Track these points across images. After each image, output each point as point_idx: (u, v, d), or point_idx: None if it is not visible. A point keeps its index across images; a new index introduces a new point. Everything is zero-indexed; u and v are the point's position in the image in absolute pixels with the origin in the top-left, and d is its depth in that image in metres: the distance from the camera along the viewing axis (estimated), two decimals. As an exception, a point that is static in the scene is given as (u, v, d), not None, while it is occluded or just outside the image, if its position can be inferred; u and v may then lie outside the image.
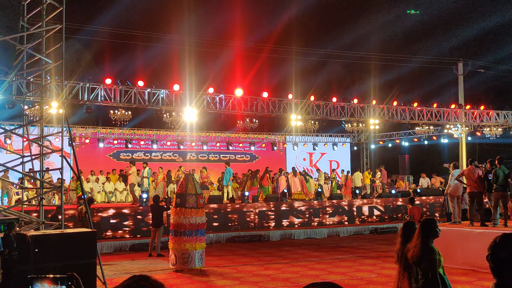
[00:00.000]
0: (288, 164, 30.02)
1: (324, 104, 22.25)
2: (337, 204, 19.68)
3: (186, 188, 11.42)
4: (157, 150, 27.31)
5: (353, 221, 19.83)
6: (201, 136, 28.13)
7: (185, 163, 27.58)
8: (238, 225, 17.55)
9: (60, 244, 8.03)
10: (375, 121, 23.79)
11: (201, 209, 11.46)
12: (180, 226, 11.18)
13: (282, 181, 21.98)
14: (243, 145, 29.72)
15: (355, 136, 32.63)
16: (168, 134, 27.36)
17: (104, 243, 14.75)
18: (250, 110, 20.68)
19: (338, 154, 32.26)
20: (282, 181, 22.02)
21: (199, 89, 19.61)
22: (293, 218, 18.65)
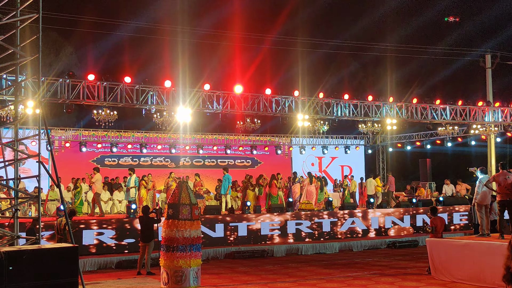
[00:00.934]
0: (294, 169, 29.98)
1: (335, 102, 22.23)
2: (349, 215, 19.65)
3: (179, 198, 11.38)
4: (146, 154, 27.34)
5: (368, 234, 19.80)
6: (196, 138, 28.17)
7: (178, 169, 27.56)
8: (238, 239, 17.52)
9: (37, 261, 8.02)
10: (393, 121, 23.77)
11: (196, 221, 11.43)
12: (173, 240, 11.15)
13: (296, 189, 21.98)
14: (244, 148, 29.74)
15: (370, 138, 32.62)
16: (159, 137, 27.40)
17: (87, 260, 14.73)
18: (251, 109, 20.65)
19: (351, 159, 32.25)
20: (296, 189, 22.01)
21: (193, 86, 19.60)
22: (300, 231, 18.62)
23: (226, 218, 17.62)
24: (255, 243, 17.70)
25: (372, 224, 19.98)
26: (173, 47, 28.82)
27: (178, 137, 27.38)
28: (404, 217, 20.64)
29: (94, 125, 22.67)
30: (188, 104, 19.33)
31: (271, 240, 18.07)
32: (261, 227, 18.00)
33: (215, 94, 19.92)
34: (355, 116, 22.76)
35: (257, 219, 18.02)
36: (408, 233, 20.22)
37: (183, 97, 19.26)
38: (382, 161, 32.82)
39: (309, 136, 30.14)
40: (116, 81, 18.20)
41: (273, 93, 20.94)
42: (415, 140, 31.52)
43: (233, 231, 17.53)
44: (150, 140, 27.26)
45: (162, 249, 11.36)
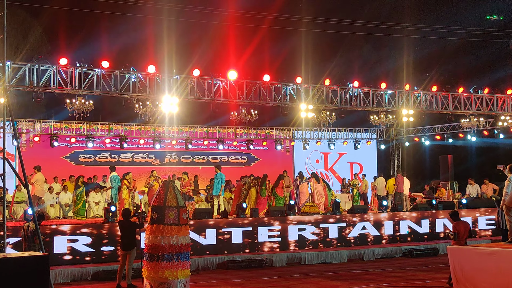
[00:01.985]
0: (296, 167, 30.06)
1: (343, 90, 22.23)
2: (360, 219, 19.69)
3: (165, 199, 11.37)
4: (127, 150, 27.33)
5: (380, 241, 19.84)
6: (184, 132, 28.16)
7: (163, 167, 27.59)
8: (232, 246, 17.53)
9: (2, 272, 8.01)
10: (409, 111, 23.79)
11: (184, 226, 11.42)
12: (158, 248, 11.14)
13: (304, 190, 22.05)
14: (239, 143, 29.76)
15: (383, 131, 32.65)
16: (141, 130, 27.38)
17: (59, 271, 14.74)
18: (247, 98, 20.63)
19: (362, 155, 32.29)
20: (304, 189, 22.08)
21: (181, 71, 19.57)
22: (303, 237, 18.64)
23: (219, 223, 17.62)
24: (251, 251, 17.72)
25: (386, 230, 20.02)
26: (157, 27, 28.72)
27: (163, 130, 27.37)
28: (422, 222, 20.68)
29: (67, 116, 22.64)
30: (175, 92, 19.30)
31: (270, 247, 18.09)
32: (258, 233, 18.00)
33: (205, 81, 19.89)
34: (366, 106, 22.76)
35: (254, 224, 18.03)
36: (427, 239, 20.28)
37: (169, 84, 19.23)
38: (397, 157, 32.83)
39: (313, 129, 30.14)
40: (92, 66, 18.16)
41: (273, 80, 20.91)
42: (434, 133, 31.55)
43: (227, 238, 17.53)
44: (131, 134, 27.23)
45: (145, 258, 11.35)
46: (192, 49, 29.83)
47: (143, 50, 28.99)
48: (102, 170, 24.04)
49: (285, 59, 31.24)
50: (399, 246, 19.48)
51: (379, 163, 33.22)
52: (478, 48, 35.07)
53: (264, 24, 30.84)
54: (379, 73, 32.57)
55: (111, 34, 29.17)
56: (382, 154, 33.58)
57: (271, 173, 23.16)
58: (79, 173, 23.97)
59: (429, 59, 34.37)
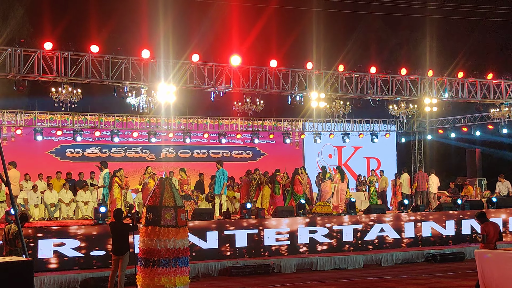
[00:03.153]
0: (306, 163, 30.02)
1: (359, 77, 22.18)
2: (377, 220, 19.68)
3: (161, 199, 11.39)
4: (118, 144, 27.34)
5: (400, 245, 19.83)
6: (182, 124, 28.14)
7: (158, 163, 27.58)
8: (235, 250, 17.58)
9: (-19, 280, 8.03)
10: (432, 100, 23.73)
11: (183, 228, 11.45)
12: (153, 252, 11.17)
13: (328, 188, 22.10)
14: (243, 136, 29.74)
15: (403, 122, 32.55)
16: (135, 122, 27.38)
17: (45, 278, 14.78)
18: (252, 87, 20.62)
19: (379, 149, 32.21)
20: (327, 187, 22.12)
21: (178, 56, 19.56)
22: (314, 241, 18.66)
23: (221, 225, 17.64)
24: (257, 256, 17.76)
25: (406, 232, 20.02)
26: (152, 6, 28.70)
27: (159, 122, 27.33)
28: (446, 223, 20.68)
29: (52, 107, 22.60)
30: (172, 80, 19.30)
31: (278, 252, 18.13)
32: (265, 235, 18.04)
33: (206, 67, 19.87)
34: (384, 94, 22.71)
35: (260, 226, 18.05)
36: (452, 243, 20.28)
37: (166, 71, 19.23)
38: (418, 152, 32.76)
39: (325, 120, 30.06)
40: (80, 50, 18.16)
41: (280, 66, 20.89)
42: (460, 125, 31.39)
43: (230, 241, 17.57)
44: (123, 126, 27.22)
45: (139, 263, 11.38)
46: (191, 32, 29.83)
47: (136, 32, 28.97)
48: (92, 166, 24.06)
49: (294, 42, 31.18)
50: (421, 250, 19.51)
51: (399, 158, 33.13)
52: (510, 30, 34.90)
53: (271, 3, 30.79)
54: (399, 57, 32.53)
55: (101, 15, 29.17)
56: (402, 148, 33.48)
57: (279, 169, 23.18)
58: (66, 169, 24.06)
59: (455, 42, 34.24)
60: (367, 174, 28.52)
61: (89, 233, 16.00)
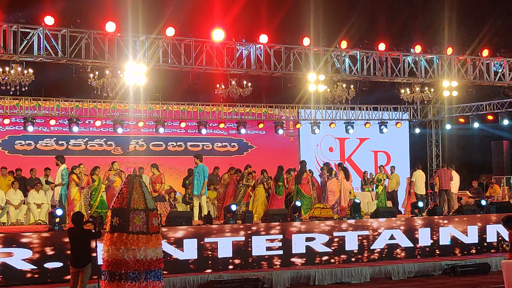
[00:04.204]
0: (303, 157, 29.94)
1: (365, 55, 22.18)
2: (387, 226, 19.70)
3: (129, 200, 11.37)
4: (78, 135, 27.22)
5: (414, 254, 19.88)
6: (154, 111, 28.06)
7: (126, 157, 27.53)
8: (218, 261, 17.53)
9: None
10: (452, 83, 23.76)
11: (155, 235, 11.43)
12: (120, 264, 11.14)
13: (334, 187, 22.11)
14: (227, 126, 29.70)
15: (417, 109, 32.63)
16: (98, 108, 27.26)
17: (-10, 295, 14.71)
18: (237, 66, 20.59)
19: (389, 141, 32.29)
20: (333, 186, 22.13)
21: (150, 30, 19.51)
22: (312, 250, 18.66)
23: (201, 231, 17.60)
24: (244, 268, 17.70)
25: (421, 240, 20.04)
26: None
27: (126, 109, 27.26)
28: (468, 229, 20.71)
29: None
30: (142, 58, 19.25)
31: (269, 263, 18.08)
32: (253, 244, 17.99)
33: (183, 43, 19.83)
34: (395, 76, 22.74)
35: (248, 232, 18.02)
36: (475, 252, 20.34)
37: (134, 47, 19.18)
38: (435, 144, 32.85)
39: (325, 107, 30.09)
40: (31, 23, 18.07)
41: (272, 42, 20.87)
42: (485, 112, 31.46)
43: (211, 250, 17.52)
44: (84, 113, 27.08)
45: (103, 277, 11.35)
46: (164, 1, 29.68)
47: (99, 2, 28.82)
48: (46, 161, 23.93)
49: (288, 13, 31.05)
50: (438, 261, 19.48)
51: (412, 151, 33.20)
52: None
53: (261, -34, 30.67)
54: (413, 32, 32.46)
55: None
56: (416, 140, 33.54)
57: (270, 166, 23.16)
58: (15, 165, 23.88)
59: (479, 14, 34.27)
60: (375, 171, 28.57)
61: (43, 241, 15.88)
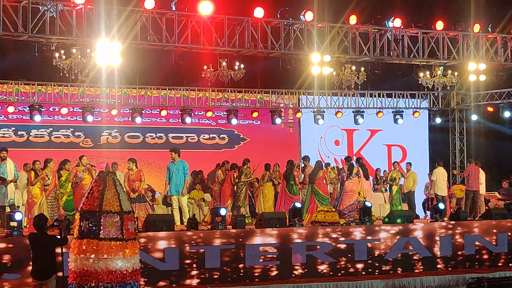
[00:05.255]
0: (303, 151, 29.97)
1: (378, 33, 22.23)
2: (402, 233, 19.76)
3: (101, 201, 11.38)
4: (41, 124, 27.16)
5: (434, 266, 19.95)
6: (130, 96, 28.00)
7: (97, 151, 27.49)
8: (205, 273, 17.57)
9: None
10: (479, 66, 23.79)
11: (132, 242, 11.45)
12: (90, 275, 11.17)
13: (355, 187, 22.22)
14: (215, 114, 29.67)
15: (438, 96, 32.64)
16: (64, 93, 27.19)
17: None
18: (228, 45, 20.60)
19: (405, 133, 32.33)
20: (353, 187, 22.23)
21: (126, 2, 19.45)
22: (314, 260, 18.71)
23: (184, 237, 17.64)
24: (235, 281, 17.76)
25: (442, 249, 20.11)
26: None
27: (98, 95, 27.19)
28: (498, 236, 20.77)
29: None
30: (117, 34, 19.24)
31: (264, 275, 18.13)
32: (246, 253, 18.03)
33: (164, 17, 19.84)
34: (412, 57, 22.77)
35: (240, 239, 18.07)
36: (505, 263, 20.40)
37: (108, 22, 19.16)
38: (459, 137, 32.88)
39: (331, 93, 30.09)
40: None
41: (268, 16, 20.89)
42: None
43: (197, 260, 17.56)
44: (48, 99, 27.00)
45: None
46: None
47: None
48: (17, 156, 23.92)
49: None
50: (462, 273, 19.51)
51: (433, 145, 33.24)
52: None
53: None
54: (434, 6, 32.48)
55: None
56: (437, 132, 33.57)
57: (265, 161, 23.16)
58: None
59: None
60: (388, 169, 28.62)
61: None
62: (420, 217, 26.01)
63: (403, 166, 27.20)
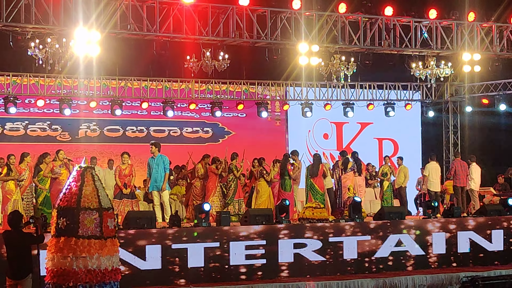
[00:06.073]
0: (291, 145, 30.02)
1: (368, 21, 22.25)
2: (393, 229, 19.80)
3: (79, 197, 11.36)
4: (16, 117, 27.08)
5: (426, 264, 20.00)
6: (109, 88, 27.93)
7: (75, 145, 27.42)
8: (188, 273, 17.57)
9: None
10: (474, 56, 23.83)
11: (111, 241, 11.43)
12: (68, 275, 11.15)
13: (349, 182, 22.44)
14: (199, 106, 29.64)
15: (431, 88, 32.66)
16: (40, 84, 27.13)
17: None
18: (212, 34, 20.58)
19: (397, 126, 32.37)
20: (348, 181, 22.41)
21: (104, -12, 19.46)
22: (302, 259, 18.72)
23: (166, 235, 17.63)
24: (219, 280, 17.77)
25: (435, 246, 20.15)
26: None
27: (75, 86, 27.12)
28: (492, 234, 20.82)
29: None
30: (95, 23, 19.20)
31: (250, 275, 18.15)
32: (230, 251, 18.03)
33: (145, 5, 19.82)
34: (404, 47, 22.79)
35: (224, 237, 18.07)
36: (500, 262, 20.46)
37: (86, 9, 19.10)
38: (453, 130, 32.94)
39: (320, 84, 30.09)
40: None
41: (254, 4, 20.86)
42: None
43: (179, 259, 17.56)
44: (23, 91, 26.92)
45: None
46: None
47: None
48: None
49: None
50: (455, 272, 19.57)
51: (425, 139, 33.26)
52: None
53: None
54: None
55: None
56: (429, 125, 33.60)
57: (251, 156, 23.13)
58: None
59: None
60: (379, 163, 28.64)
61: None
62: (412, 213, 26.06)
63: (394, 160, 27.24)
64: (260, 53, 22.72)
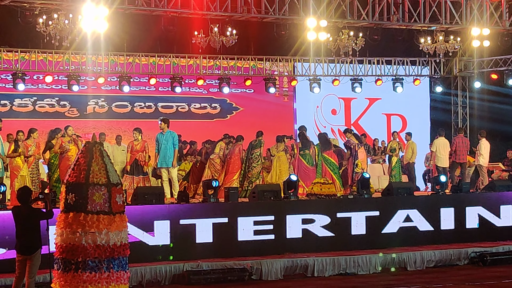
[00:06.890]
0: (299, 121, 30.03)
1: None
2: (401, 205, 19.80)
3: (88, 173, 11.36)
4: (24, 93, 27.09)
5: (434, 240, 19.99)
6: (117, 64, 27.90)
7: (84, 121, 27.44)
8: (196, 248, 17.62)
9: None
10: (483, 31, 23.74)
11: (120, 216, 11.44)
12: (77, 251, 11.16)
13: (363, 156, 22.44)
14: (207, 82, 29.59)
15: (440, 63, 32.57)
16: (49, 60, 27.09)
17: None
18: (220, 9, 20.52)
19: (405, 102, 32.28)
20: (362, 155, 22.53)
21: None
22: (310, 234, 18.76)
23: (174, 211, 17.65)
24: (227, 255, 17.78)
25: (443, 222, 20.16)
26: None
27: (83, 62, 27.08)
28: (501, 209, 20.81)
29: None
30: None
31: (258, 250, 18.17)
32: (239, 227, 18.09)
33: (152, -20, 19.76)
34: (413, 21, 22.72)
35: (232, 213, 18.10)
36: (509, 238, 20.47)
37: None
38: (462, 106, 32.85)
39: (328, 60, 30.00)
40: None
41: (262, -21, 20.82)
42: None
43: (188, 235, 17.60)
44: (31, 67, 26.89)
45: (56, 267, 11.38)
46: None
47: None
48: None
49: None
50: (464, 247, 19.57)
51: (434, 115, 33.18)
52: None
53: None
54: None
55: None
56: (438, 101, 33.50)
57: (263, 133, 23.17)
58: None
59: None
60: (387, 139, 28.62)
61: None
62: (421, 189, 26.07)
63: (403, 136, 27.21)
64: (268, 29, 22.68)
